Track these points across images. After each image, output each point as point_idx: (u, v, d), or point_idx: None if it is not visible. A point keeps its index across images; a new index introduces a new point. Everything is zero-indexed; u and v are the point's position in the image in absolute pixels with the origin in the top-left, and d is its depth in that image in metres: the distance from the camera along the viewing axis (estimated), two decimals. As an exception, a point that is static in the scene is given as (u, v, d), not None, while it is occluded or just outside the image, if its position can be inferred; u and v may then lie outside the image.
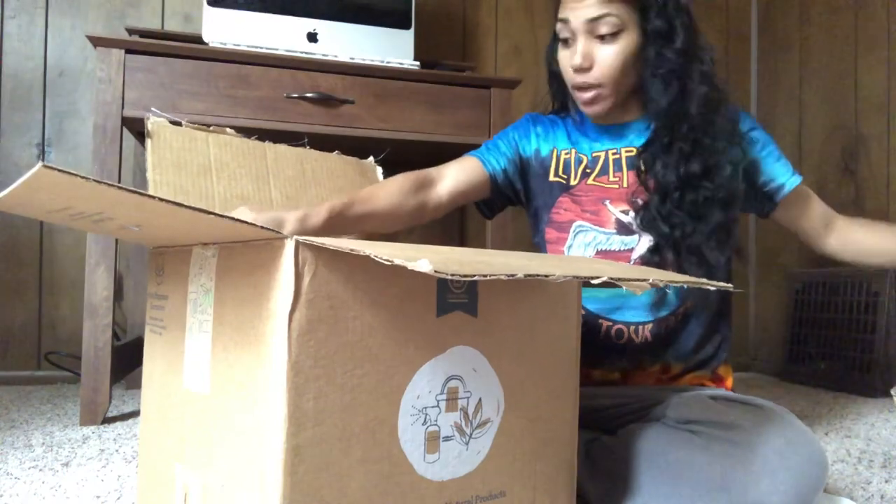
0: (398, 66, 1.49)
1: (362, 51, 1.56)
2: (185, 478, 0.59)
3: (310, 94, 1.39)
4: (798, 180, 1.00)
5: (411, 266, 0.40)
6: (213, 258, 0.57)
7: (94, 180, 0.40)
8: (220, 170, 0.83)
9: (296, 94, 1.39)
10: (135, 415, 1.39)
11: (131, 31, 1.53)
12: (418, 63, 1.55)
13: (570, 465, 0.67)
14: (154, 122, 0.76)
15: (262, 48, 1.41)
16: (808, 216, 1.03)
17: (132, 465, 1.02)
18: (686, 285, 0.53)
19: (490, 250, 0.66)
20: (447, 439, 0.56)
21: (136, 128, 1.43)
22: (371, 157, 1.01)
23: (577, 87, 0.96)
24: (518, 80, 1.56)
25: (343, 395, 0.50)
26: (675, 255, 0.91)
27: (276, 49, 1.43)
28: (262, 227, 0.48)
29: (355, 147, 1.00)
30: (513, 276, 0.43)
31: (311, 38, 1.56)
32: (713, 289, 0.55)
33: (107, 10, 1.81)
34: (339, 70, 1.42)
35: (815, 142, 2.14)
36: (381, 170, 1.00)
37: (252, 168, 0.87)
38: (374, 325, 0.51)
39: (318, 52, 1.49)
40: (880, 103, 1.93)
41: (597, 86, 0.94)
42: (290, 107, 1.39)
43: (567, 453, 0.67)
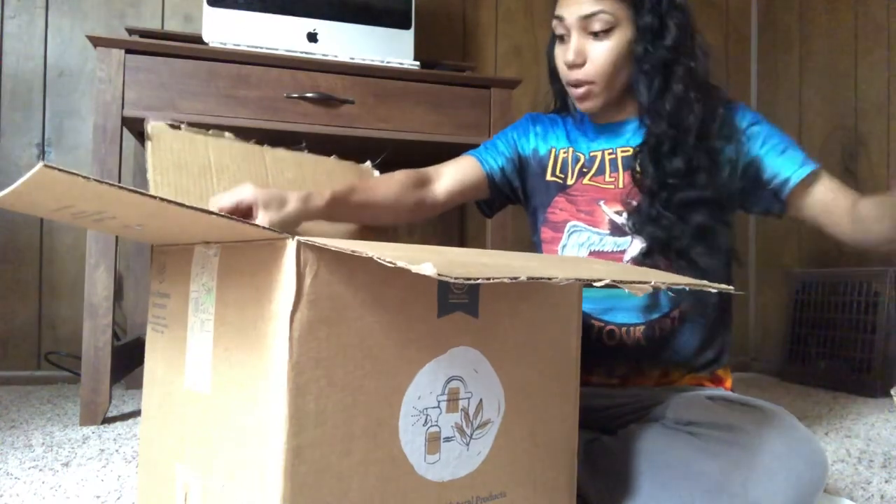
0: (398, 66, 1.49)
1: (362, 51, 1.56)
2: (185, 478, 0.59)
3: (310, 94, 1.39)
4: (807, 170, 0.92)
5: (415, 269, 0.40)
6: (215, 257, 0.57)
7: (95, 180, 0.41)
8: (220, 172, 0.83)
9: (296, 94, 1.39)
10: (135, 415, 1.39)
11: (131, 31, 1.53)
12: (418, 63, 1.55)
13: (570, 466, 0.67)
14: (153, 126, 0.77)
15: (262, 48, 1.41)
16: (826, 207, 0.92)
17: (132, 465, 1.02)
18: (687, 287, 0.53)
19: (491, 251, 0.66)
20: (448, 440, 0.56)
21: (136, 128, 1.43)
22: (368, 162, 1.01)
23: (571, 84, 0.97)
24: (518, 80, 1.56)
25: (344, 396, 0.50)
26: (666, 258, 0.90)
27: (276, 49, 1.43)
28: (264, 228, 0.48)
29: (355, 147, 1.00)
30: (515, 279, 0.43)
31: (311, 38, 1.56)
32: (714, 291, 0.55)
33: (107, 10, 1.81)
34: (339, 70, 1.42)
35: (815, 142, 2.14)
36: (377, 173, 1.01)
37: (251, 170, 0.87)
38: (376, 325, 0.51)
39: (318, 52, 1.49)
40: (880, 103, 1.93)
41: (589, 82, 0.94)
42: (290, 107, 1.39)
43: (567, 454, 0.67)
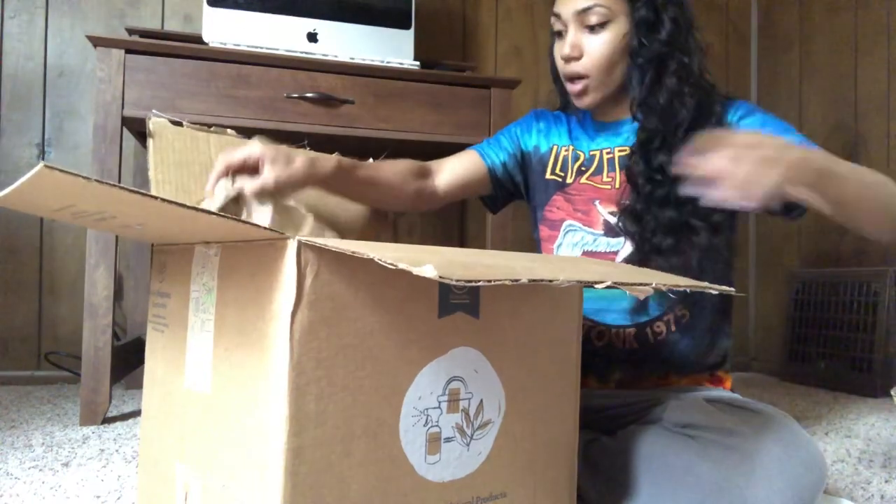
0: (398, 66, 1.49)
1: (362, 51, 1.56)
2: (185, 477, 0.59)
3: (310, 94, 1.39)
4: None
5: (416, 271, 0.40)
6: (216, 257, 0.56)
7: (95, 180, 0.40)
8: None
9: (296, 94, 1.39)
10: (135, 415, 1.39)
11: (131, 31, 1.53)
12: (418, 63, 1.54)
13: (570, 466, 0.67)
14: (155, 123, 0.76)
15: (262, 48, 1.41)
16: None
17: (132, 465, 1.02)
18: (688, 289, 0.53)
19: (492, 251, 0.66)
20: (448, 440, 0.56)
21: (136, 128, 1.43)
22: (371, 159, 1.01)
23: (567, 77, 0.96)
24: (518, 80, 1.56)
25: (344, 397, 0.50)
26: (658, 255, 0.88)
27: (276, 49, 1.43)
28: (264, 228, 0.48)
29: (355, 147, 1.00)
30: (517, 280, 0.43)
31: (311, 38, 1.56)
32: (714, 293, 0.55)
33: (107, 10, 1.81)
34: (339, 70, 1.42)
35: (815, 142, 2.13)
36: None
37: None
38: (376, 326, 0.51)
39: (318, 52, 1.49)
40: (880, 103, 1.93)
41: (585, 76, 0.94)
42: (290, 107, 1.39)
43: (568, 454, 0.67)
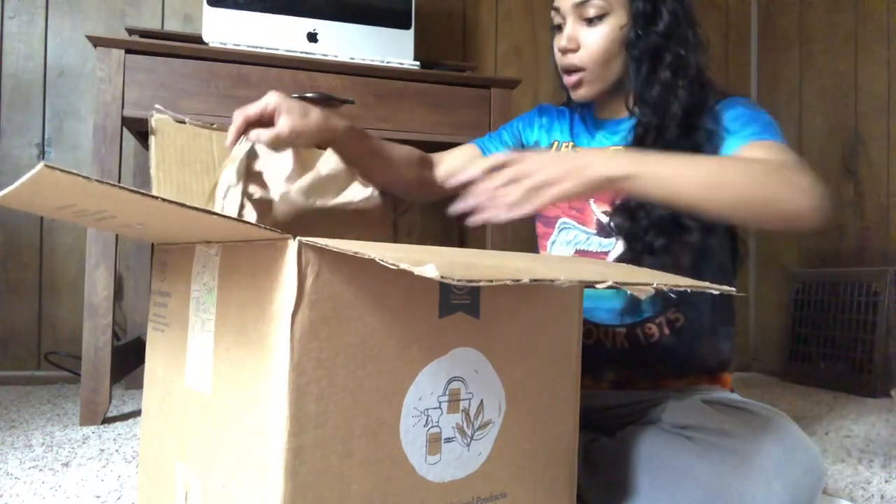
0: (398, 66, 1.49)
1: (362, 51, 1.56)
2: (185, 477, 0.59)
3: (310, 94, 1.39)
4: (740, 142, 0.83)
5: (417, 271, 0.40)
6: (217, 257, 0.56)
7: (95, 180, 0.40)
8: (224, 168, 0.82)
9: (296, 94, 1.38)
10: (135, 415, 1.39)
11: (131, 31, 1.53)
12: (418, 63, 1.54)
13: (570, 467, 0.67)
14: (158, 119, 0.76)
15: (262, 48, 1.41)
16: None
17: (132, 465, 1.02)
18: (689, 289, 0.53)
19: (492, 251, 0.66)
20: (448, 440, 0.56)
21: (136, 128, 1.43)
22: None
23: (564, 70, 0.96)
24: (518, 80, 1.56)
25: (345, 397, 0.50)
26: (651, 255, 0.86)
27: (276, 49, 1.43)
28: (265, 228, 0.47)
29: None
30: (518, 280, 0.43)
31: (311, 38, 1.56)
32: (712, 295, 0.55)
33: (107, 10, 1.80)
34: (339, 70, 1.42)
35: (815, 142, 2.14)
36: None
37: None
38: (377, 326, 0.51)
39: (318, 52, 1.49)
40: (880, 103, 1.93)
41: (581, 68, 0.93)
42: (290, 107, 1.39)
43: (568, 454, 0.67)
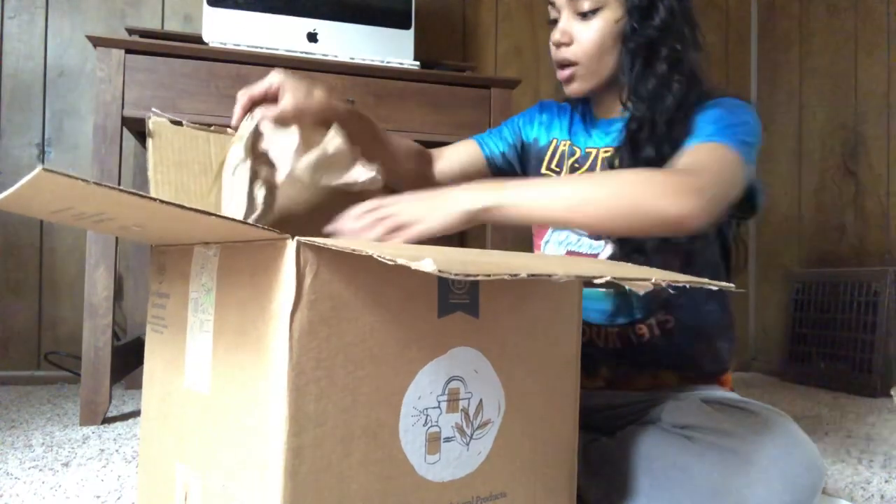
0: (398, 66, 1.49)
1: (362, 51, 1.56)
2: (185, 478, 0.59)
3: (310, 94, 1.39)
4: (692, 143, 0.80)
5: (415, 266, 0.40)
6: (215, 258, 0.56)
7: (94, 183, 0.40)
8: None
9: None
10: (135, 415, 1.39)
11: (131, 31, 1.53)
12: (418, 63, 1.54)
13: (570, 466, 0.67)
14: (155, 122, 0.76)
15: (262, 48, 1.41)
16: None
17: (132, 465, 1.02)
18: (688, 285, 0.53)
19: (491, 251, 0.66)
20: (448, 440, 0.56)
21: (136, 128, 1.43)
22: None
23: (557, 64, 0.95)
24: (518, 80, 1.56)
25: (344, 396, 0.50)
26: (636, 259, 0.85)
27: (276, 49, 1.43)
28: (263, 228, 0.47)
29: (356, 147, 1.00)
30: (516, 275, 0.43)
31: (311, 38, 1.56)
32: (714, 289, 0.55)
33: (107, 10, 1.81)
34: (339, 70, 1.42)
35: (815, 142, 2.14)
36: (379, 167, 1.00)
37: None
38: (376, 325, 0.51)
39: (318, 52, 1.49)
40: (880, 103, 1.93)
41: (574, 63, 0.92)
42: (290, 107, 1.39)
43: (568, 454, 0.67)
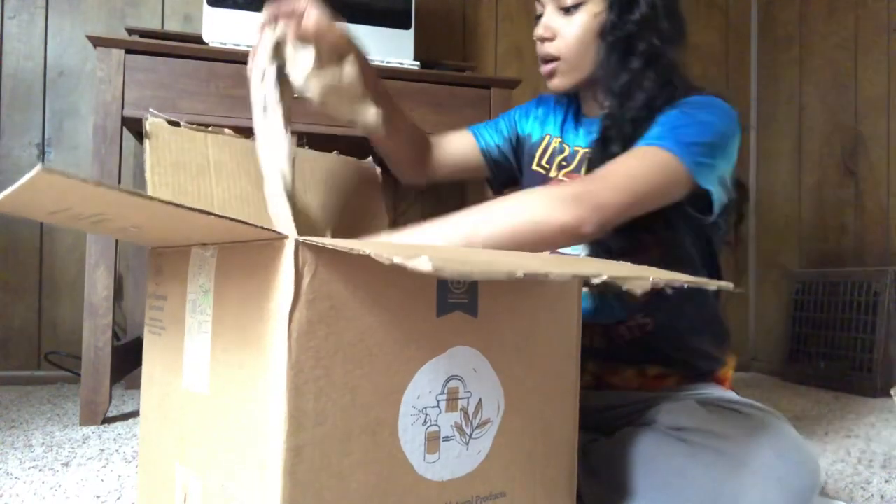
0: (398, 66, 1.49)
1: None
2: (185, 478, 0.59)
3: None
4: (639, 144, 0.80)
5: (411, 265, 0.40)
6: (213, 258, 0.56)
7: (93, 182, 0.40)
8: (219, 170, 0.82)
9: (296, 94, 1.38)
10: (135, 415, 1.39)
11: (131, 31, 1.53)
12: (418, 63, 1.54)
13: (570, 466, 0.67)
14: (152, 123, 0.76)
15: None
16: None
17: (132, 465, 1.02)
18: (686, 284, 0.53)
19: (490, 251, 0.66)
20: (447, 439, 0.56)
21: (136, 128, 1.43)
22: (370, 157, 1.01)
23: (540, 59, 0.95)
24: (518, 80, 1.56)
25: (343, 396, 0.50)
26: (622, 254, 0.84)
27: (276, 49, 1.43)
28: (261, 228, 0.48)
29: (355, 147, 1.00)
30: (512, 274, 0.43)
31: (311, 38, 1.56)
32: (713, 288, 0.55)
33: (107, 10, 1.81)
34: (339, 70, 1.42)
35: (815, 142, 2.13)
36: (379, 169, 1.00)
37: (251, 168, 0.86)
38: (375, 325, 0.51)
39: (318, 52, 1.49)
40: (880, 103, 1.93)
41: (556, 58, 0.93)
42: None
43: (567, 454, 0.67)
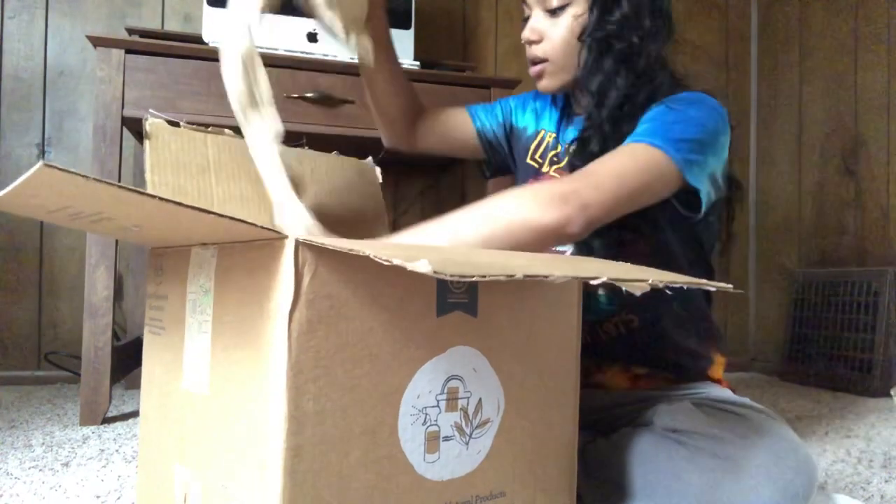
0: (398, 66, 1.49)
1: (362, 51, 1.56)
2: (184, 478, 0.59)
3: (309, 94, 1.39)
4: (627, 141, 0.81)
5: (410, 267, 0.40)
6: (213, 258, 0.56)
7: (94, 179, 0.40)
8: (219, 170, 0.82)
9: (296, 94, 1.39)
10: (135, 415, 1.39)
11: (131, 31, 1.53)
12: (418, 63, 1.54)
13: (570, 466, 0.67)
14: (152, 124, 0.76)
15: (262, 48, 1.41)
16: None
17: (132, 465, 1.02)
18: (685, 286, 0.53)
19: (490, 250, 0.66)
20: (447, 439, 0.56)
21: (135, 128, 1.43)
22: (370, 157, 1.01)
23: (530, 61, 0.96)
24: (518, 80, 1.56)
25: (343, 395, 0.50)
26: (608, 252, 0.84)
27: (276, 49, 1.43)
28: (262, 228, 0.48)
29: (355, 147, 1.00)
30: (512, 276, 0.43)
31: (311, 38, 1.56)
32: (712, 289, 0.55)
33: (107, 10, 1.81)
34: (338, 70, 1.42)
35: (815, 142, 2.13)
36: (379, 170, 1.00)
37: (251, 168, 0.86)
38: (375, 325, 0.51)
39: (318, 52, 1.49)
40: (880, 103, 1.93)
41: (543, 60, 0.93)
42: (289, 107, 1.39)
43: (567, 454, 0.67)
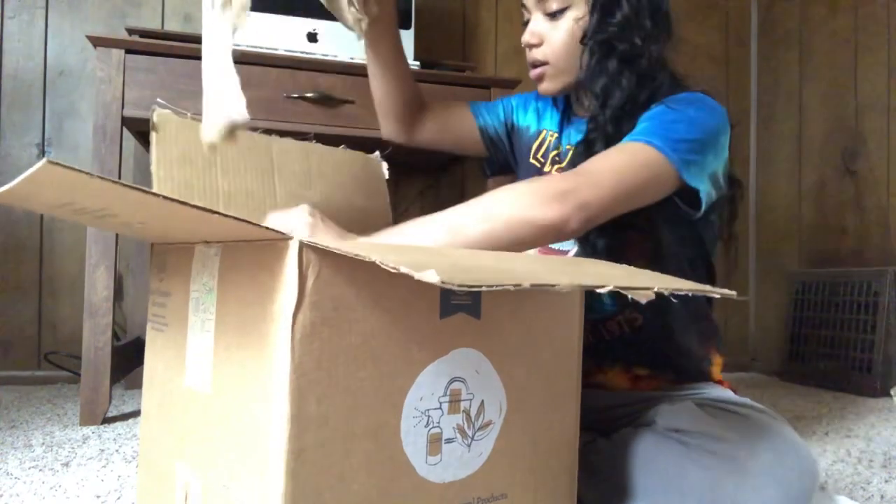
0: (399, 66, 1.48)
1: (362, 51, 1.55)
2: (185, 477, 0.59)
3: (310, 94, 1.39)
4: (625, 140, 0.81)
5: (418, 276, 0.40)
6: (216, 257, 0.56)
7: (98, 177, 0.40)
8: (225, 165, 0.82)
9: (296, 95, 1.38)
10: (135, 415, 1.39)
11: (131, 31, 1.52)
12: (418, 63, 1.54)
13: (571, 468, 0.67)
14: (160, 114, 0.75)
15: (262, 48, 1.41)
16: None
17: (132, 465, 1.02)
18: (690, 293, 0.53)
19: (494, 252, 0.66)
20: (449, 441, 0.56)
21: (136, 128, 1.43)
22: (377, 152, 1.01)
23: (530, 65, 0.96)
24: (518, 80, 1.56)
25: (346, 397, 0.50)
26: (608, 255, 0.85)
27: (276, 49, 1.43)
28: (266, 228, 0.47)
29: (355, 147, 1.00)
30: (518, 286, 0.43)
31: (311, 38, 1.56)
32: (716, 296, 0.55)
33: (107, 10, 1.80)
34: (339, 70, 1.42)
35: (815, 142, 2.14)
36: (386, 164, 1.00)
37: (257, 163, 0.86)
38: (378, 327, 0.51)
39: (318, 52, 1.49)
40: (880, 103, 1.93)
41: (544, 63, 0.94)
42: (290, 107, 1.39)
43: (568, 455, 0.67)
